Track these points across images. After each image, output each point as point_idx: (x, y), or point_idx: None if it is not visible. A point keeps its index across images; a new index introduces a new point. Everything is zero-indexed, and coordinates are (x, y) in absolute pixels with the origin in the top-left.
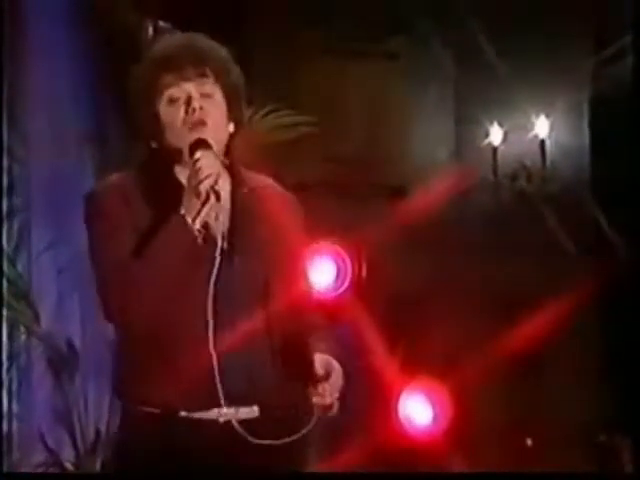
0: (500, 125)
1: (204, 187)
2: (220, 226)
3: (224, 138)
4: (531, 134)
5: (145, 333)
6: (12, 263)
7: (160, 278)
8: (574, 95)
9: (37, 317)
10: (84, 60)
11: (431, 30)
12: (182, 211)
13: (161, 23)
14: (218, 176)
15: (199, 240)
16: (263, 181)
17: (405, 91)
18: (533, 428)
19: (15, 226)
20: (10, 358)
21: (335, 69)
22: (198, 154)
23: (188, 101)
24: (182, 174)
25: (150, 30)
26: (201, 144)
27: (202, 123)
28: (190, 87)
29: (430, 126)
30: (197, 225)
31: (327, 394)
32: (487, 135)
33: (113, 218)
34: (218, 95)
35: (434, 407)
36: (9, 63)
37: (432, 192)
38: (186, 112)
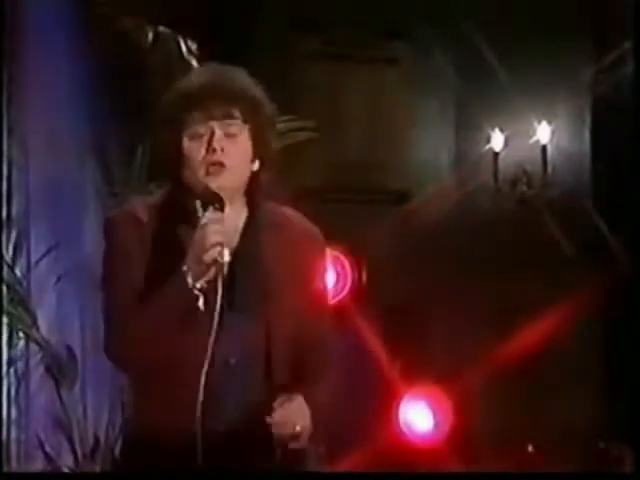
0: (501, 130)
1: (208, 257)
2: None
3: (245, 177)
4: (532, 140)
5: (141, 369)
6: (11, 269)
7: (155, 328)
8: (575, 101)
9: (36, 323)
10: (84, 67)
11: (432, 35)
12: (184, 268)
13: (161, 28)
14: (223, 246)
15: (200, 302)
16: (285, 216)
17: (406, 96)
18: (533, 435)
19: (14, 232)
20: (9, 364)
21: (335, 74)
22: (207, 216)
23: (210, 140)
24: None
25: (150, 35)
26: (214, 200)
27: (220, 165)
28: (215, 125)
29: (431, 131)
30: (197, 286)
31: (279, 421)
32: (488, 140)
33: (125, 252)
34: (244, 135)
35: (435, 414)
36: (8, 70)
37: (433, 198)
38: (207, 151)
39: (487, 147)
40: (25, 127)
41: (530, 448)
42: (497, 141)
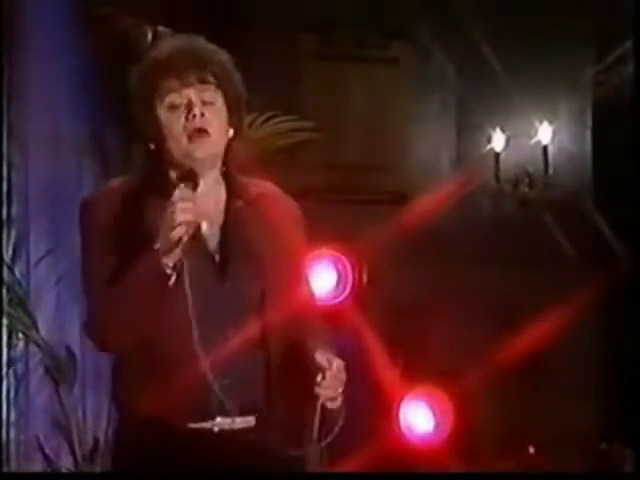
0: (502, 131)
1: (174, 235)
2: (212, 240)
3: (224, 144)
4: (534, 140)
5: (128, 352)
6: (10, 270)
7: (132, 306)
8: (576, 101)
9: (35, 324)
10: (83, 68)
11: (433, 36)
12: (157, 246)
13: (160, 28)
14: (190, 226)
15: (172, 278)
16: (263, 188)
17: (407, 97)
18: (534, 436)
19: (13, 233)
20: (8, 365)
21: (336, 75)
22: (177, 194)
23: (189, 107)
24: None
25: (149, 35)
26: (188, 176)
27: (204, 132)
28: (191, 93)
29: (431, 131)
30: (169, 263)
31: (329, 384)
32: (489, 141)
33: (98, 234)
34: (219, 102)
35: (435, 415)
36: (8, 71)
37: (434, 198)
38: (186, 118)
39: (488, 147)
40: (25, 128)
41: (531, 449)
42: (498, 141)
